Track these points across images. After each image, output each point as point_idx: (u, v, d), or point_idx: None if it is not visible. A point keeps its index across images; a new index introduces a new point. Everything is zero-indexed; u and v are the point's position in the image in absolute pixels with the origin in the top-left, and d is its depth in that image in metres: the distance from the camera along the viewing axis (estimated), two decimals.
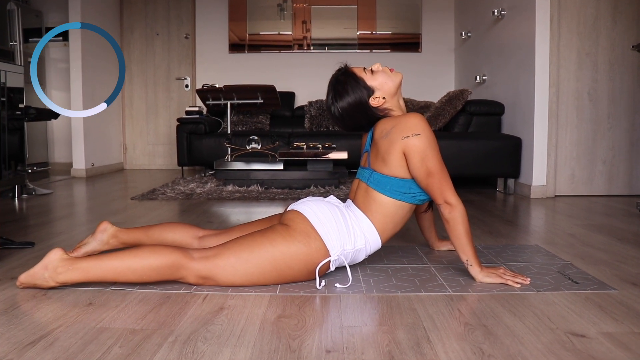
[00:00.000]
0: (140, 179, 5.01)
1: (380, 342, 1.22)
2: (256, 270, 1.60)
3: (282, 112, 5.83)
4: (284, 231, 1.63)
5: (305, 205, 1.71)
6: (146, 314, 1.40)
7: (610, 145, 3.69)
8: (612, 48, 3.64)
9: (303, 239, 1.62)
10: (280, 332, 1.28)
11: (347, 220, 1.70)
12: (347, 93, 1.75)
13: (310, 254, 1.62)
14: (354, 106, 1.76)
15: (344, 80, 1.76)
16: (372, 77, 1.76)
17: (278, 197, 3.72)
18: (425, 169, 1.66)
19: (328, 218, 1.66)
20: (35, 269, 1.56)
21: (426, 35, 6.06)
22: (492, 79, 4.65)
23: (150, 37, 5.91)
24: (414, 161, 1.67)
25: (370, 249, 1.75)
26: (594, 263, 1.95)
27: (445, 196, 1.67)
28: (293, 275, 1.64)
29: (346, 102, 1.76)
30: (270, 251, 1.60)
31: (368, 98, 1.76)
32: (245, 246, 1.60)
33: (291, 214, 1.70)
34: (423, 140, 1.66)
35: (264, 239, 1.61)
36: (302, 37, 6.05)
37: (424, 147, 1.66)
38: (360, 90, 1.75)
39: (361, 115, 1.78)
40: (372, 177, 1.75)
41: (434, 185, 1.67)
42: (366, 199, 1.76)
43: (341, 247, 1.66)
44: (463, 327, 1.32)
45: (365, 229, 1.72)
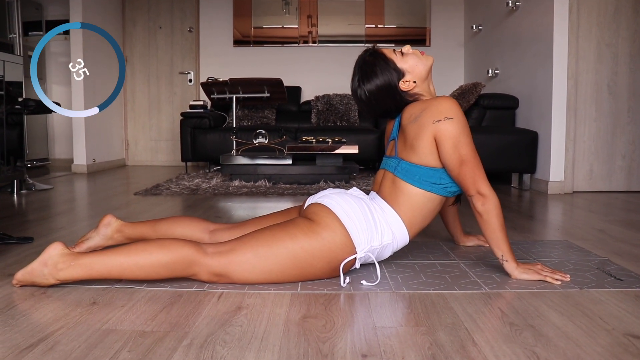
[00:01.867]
0: (142, 175, 4.88)
1: (420, 345, 1.09)
2: (275, 268, 1.47)
3: (288, 107, 5.70)
4: (306, 226, 1.50)
5: (329, 198, 1.57)
6: (156, 314, 1.27)
7: (630, 140, 3.56)
8: (633, 39, 3.51)
9: (328, 234, 1.48)
10: (308, 334, 1.15)
11: (373, 214, 1.56)
12: (375, 75, 1.62)
13: (334, 251, 1.49)
14: (383, 89, 1.63)
15: (372, 62, 1.63)
16: (402, 60, 1.63)
17: (287, 193, 3.59)
18: (457, 156, 1.53)
19: (355, 212, 1.52)
20: (34, 265, 1.43)
21: (435, 30, 5.93)
22: (505, 72, 4.51)
23: (152, 30, 5.78)
24: (445, 147, 1.54)
25: (397, 244, 1.62)
26: (633, 260, 1.82)
27: (478, 186, 1.53)
28: (314, 273, 1.51)
29: (374, 85, 1.63)
30: (291, 247, 1.46)
31: (398, 81, 1.63)
32: (264, 241, 1.47)
33: (315, 208, 1.56)
34: (456, 125, 1.52)
35: (284, 234, 1.48)
36: (308, 32, 5.92)
37: (457, 133, 1.52)
38: (389, 72, 1.62)
39: (390, 100, 1.65)
40: (400, 166, 1.62)
41: (466, 175, 1.54)
42: (393, 190, 1.62)
43: (368, 243, 1.53)
44: (509, 328, 1.19)
45: (392, 223, 1.59)
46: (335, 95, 5.59)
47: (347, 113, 5.52)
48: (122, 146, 5.88)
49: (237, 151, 4.18)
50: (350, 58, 6.17)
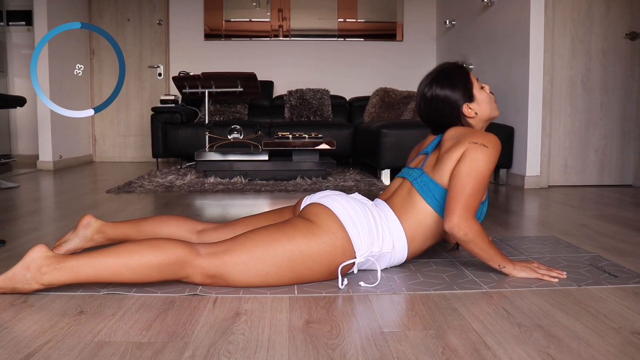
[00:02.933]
0: (111, 172, 4.72)
1: (433, 350, 1.06)
2: (271, 270, 1.41)
3: (260, 101, 5.61)
4: (305, 227, 1.44)
5: (332, 199, 1.52)
6: (151, 323, 1.20)
7: (602, 135, 3.64)
8: (605, 35, 3.58)
9: (328, 238, 1.43)
10: (315, 341, 1.10)
11: (376, 220, 1.52)
12: (450, 85, 1.63)
13: (334, 255, 1.44)
14: (448, 101, 1.63)
15: (455, 73, 1.65)
16: (478, 90, 1.65)
17: (264, 189, 3.52)
18: (464, 181, 1.48)
19: (359, 216, 1.48)
20: (15, 270, 1.33)
21: (408, 24, 5.93)
22: (480, 67, 4.55)
23: (120, 22, 5.58)
24: (462, 166, 1.51)
25: (394, 257, 1.57)
26: (621, 255, 1.84)
27: (462, 217, 1.45)
28: (311, 276, 1.46)
29: (443, 92, 1.63)
30: (289, 249, 1.41)
31: (463, 103, 1.63)
32: (260, 242, 1.41)
33: (316, 208, 1.50)
34: (486, 156, 1.51)
35: (281, 235, 1.42)
36: (279, 26, 5.84)
37: (481, 162, 1.50)
38: (462, 90, 1.63)
39: (448, 113, 1.65)
40: (421, 178, 1.59)
41: (458, 200, 1.47)
42: (406, 200, 1.58)
43: (368, 248, 1.48)
44: (518, 329, 1.17)
45: (394, 233, 1.54)
46: (309, 90, 5.54)
47: (320, 108, 5.48)
48: (90, 142, 5.67)
49: (212, 147, 4.08)
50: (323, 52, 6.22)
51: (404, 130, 3.91)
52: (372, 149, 4.09)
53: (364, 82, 5.93)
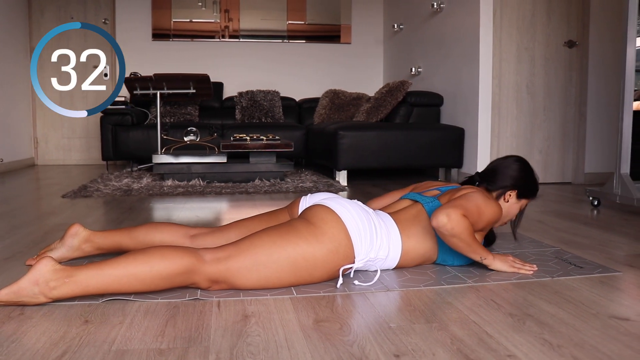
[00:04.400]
0: (57, 176, 4.53)
1: (443, 341, 1.14)
2: (274, 275, 1.45)
3: (210, 103, 5.56)
4: (309, 232, 1.47)
5: (337, 202, 1.55)
6: (163, 329, 1.21)
7: (545, 136, 3.90)
8: (547, 43, 3.84)
9: (332, 245, 1.47)
10: (330, 339, 1.16)
11: (377, 227, 1.57)
12: (525, 176, 1.83)
13: (336, 261, 1.49)
14: (510, 175, 1.81)
15: (533, 179, 1.86)
16: (520, 206, 1.85)
17: (225, 192, 3.52)
18: (458, 200, 1.60)
19: (363, 222, 1.53)
20: (21, 284, 1.29)
21: (356, 27, 6.06)
22: (428, 71, 4.74)
23: (63, 20, 5.36)
24: (462, 196, 1.63)
25: (384, 264, 1.64)
26: (578, 247, 2.01)
27: (454, 211, 1.53)
28: (311, 280, 1.50)
29: (517, 172, 1.82)
30: (292, 256, 1.44)
31: (513, 190, 1.80)
32: (263, 248, 1.43)
33: (321, 212, 1.52)
34: (486, 199, 1.66)
35: (285, 242, 1.45)
36: (224, 27, 5.80)
37: (479, 198, 1.63)
38: (524, 187, 1.82)
39: (497, 179, 1.81)
40: (434, 204, 1.69)
41: (453, 207, 1.55)
42: (413, 217, 1.67)
43: (367, 254, 1.54)
44: (511, 319, 1.27)
45: (392, 243, 1.61)
46: (259, 91, 5.55)
47: (271, 109, 5.50)
48: (31, 144, 5.41)
49: (169, 149, 4.02)
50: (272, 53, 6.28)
51: (361, 132, 4.02)
52: (329, 151, 4.17)
53: (313, 84, 6.01)
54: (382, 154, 4.01)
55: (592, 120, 3.88)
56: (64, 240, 1.67)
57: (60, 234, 2.21)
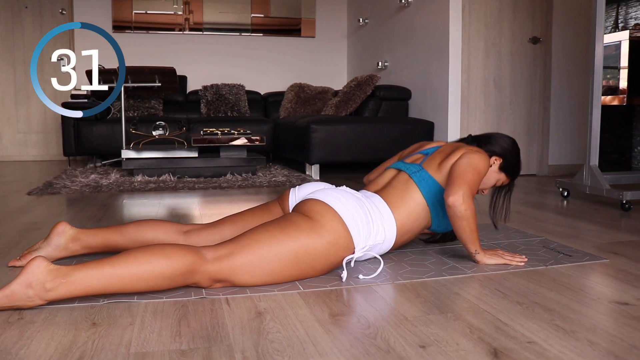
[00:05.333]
0: (15, 172, 4.32)
1: (462, 330, 1.16)
2: (276, 270, 1.43)
3: (174, 97, 5.43)
4: (308, 226, 1.46)
5: (329, 195, 1.55)
6: (177, 329, 1.17)
7: (511, 130, 4.02)
8: (513, 39, 3.95)
9: (330, 236, 1.47)
10: (352, 332, 1.16)
11: (370, 213, 1.59)
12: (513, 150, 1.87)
13: (336, 253, 1.49)
14: (500, 144, 1.86)
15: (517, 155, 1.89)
16: (499, 177, 1.87)
17: (198, 187, 3.45)
18: (464, 169, 1.64)
19: (357, 210, 1.53)
20: (13, 287, 1.22)
21: (320, 21, 6.06)
22: (395, 65, 4.79)
23: (17, 9, 5.09)
24: (462, 159, 1.67)
25: (382, 248, 1.65)
26: (561, 237, 2.09)
27: (465, 193, 1.58)
28: (313, 273, 1.50)
29: (508, 143, 1.87)
30: (294, 249, 1.43)
31: (499, 157, 1.84)
32: (264, 243, 1.42)
33: (315, 205, 1.53)
34: (481, 158, 1.70)
35: (285, 236, 1.43)
36: (187, 20, 5.67)
37: (478, 160, 1.68)
38: (510, 159, 1.86)
39: (490, 144, 1.86)
40: (420, 173, 1.70)
41: (460, 181, 1.60)
42: (402, 192, 1.67)
43: (366, 242, 1.56)
44: (520, 307, 1.31)
45: (386, 225, 1.62)
46: (224, 85, 5.47)
47: (237, 103, 5.43)
48: None
49: (139, 144, 3.90)
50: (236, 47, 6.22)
51: (333, 126, 4.02)
52: (300, 145, 4.15)
53: (278, 78, 5.97)
54: (354, 147, 4.03)
55: (555, 114, 4.03)
56: (50, 239, 1.60)
57: (36, 232, 2.11)
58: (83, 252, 1.64)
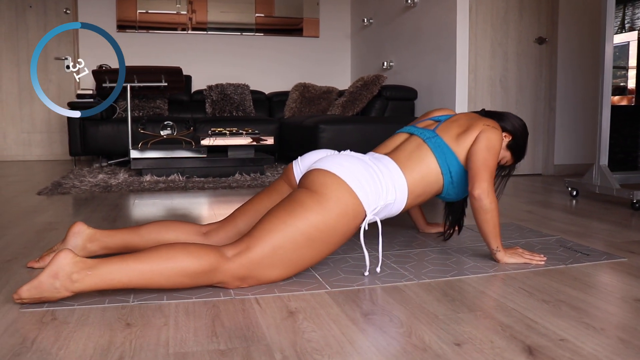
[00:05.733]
0: (21, 172, 4.31)
1: (493, 328, 1.18)
2: (295, 255, 1.42)
3: (179, 96, 5.43)
4: (314, 202, 1.43)
5: (332, 162, 1.52)
6: (212, 329, 1.19)
7: None
8: (519, 39, 3.97)
9: (339, 208, 1.44)
10: (387, 331, 1.17)
11: (377, 173, 1.56)
12: (523, 130, 1.90)
13: (348, 222, 1.47)
14: (511, 122, 1.88)
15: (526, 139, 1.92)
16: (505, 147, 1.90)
17: (207, 187, 3.46)
18: (484, 157, 1.65)
19: (362, 173, 1.51)
20: (41, 278, 1.25)
21: (323, 21, 6.07)
22: (401, 65, 4.81)
23: (21, 8, 5.08)
24: (480, 144, 1.67)
25: (393, 209, 1.62)
26: (576, 236, 2.11)
27: (489, 187, 1.64)
28: (330, 248, 1.49)
29: (518, 122, 1.90)
30: (306, 230, 1.41)
31: (509, 135, 1.87)
32: (275, 230, 1.40)
33: (319, 177, 1.49)
34: (498, 135, 1.71)
35: (292, 218, 1.41)
36: (191, 19, 5.67)
37: (495, 140, 1.69)
38: (518, 140, 1.89)
39: (502, 120, 1.87)
40: (435, 139, 1.70)
41: (483, 175, 1.64)
42: (414, 154, 1.67)
43: (376, 203, 1.53)
44: (547, 305, 1.33)
45: (397, 184, 1.60)
46: (229, 84, 5.47)
47: (242, 103, 5.44)
48: None
49: (147, 144, 3.91)
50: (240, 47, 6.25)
51: (341, 125, 4.04)
52: (308, 144, 4.17)
53: (282, 77, 5.98)
54: (361, 147, 4.03)
55: (560, 114, 4.06)
56: (67, 239, 1.61)
57: (52, 233, 2.12)
58: (101, 252, 1.65)
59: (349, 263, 1.70)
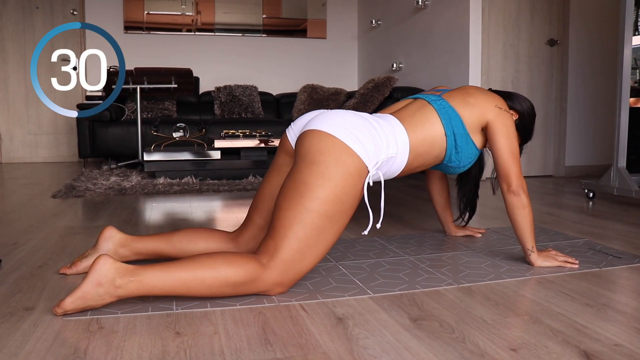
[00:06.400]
0: (29, 175, 4.30)
1: (545, 333, 1.18)
2: (320, 239, 1.39)
3: (187, 98, 5.42)
4: (315, 176, 1.38)
5: (323, 122, 1.46)
6: (265, 337, 1.18)
7: None
8: (530, 41, 3.99)
9: (341, 173, 1.39)
10: (440, 337, 1.17)
11: (375, 127, 1.51)
12: (531, 112, 1.89)
13: (353, 183, 1.43)
14: (519, 101, 1.87)
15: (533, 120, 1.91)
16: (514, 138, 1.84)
17: (222, 189, 3.46)
18: (510, 148, 1.67)
19: (359, 127, 1.46)
20: (85, 288, 1.23)
21: (331, 22, 6.07)
22: (410, 66, 4.81)
23: (28, 10, 5.06)
24: (499, 135, 1.68)
25: (393, 165, 1.58)
26: (601, 238, 2.11)
27: (523, 182, 1.67)
28: (348, 214, 1.44)
29: (527, 103, 1.88)
30: (319, 208, 1.36)
31: (516, 114, 1.85)
32: (294, 223, 1.36)
33: (313, 142, 1.43)
34: (510, 118, 1.72)
35: (303, 203, 1.37)
36: (199, 21, 5.66)
37: (511, 126, 1.70)
38: (526, 120, 1.87)
39: (510, 100, 1.85)
40: (441, 102, 1.68)
41: (514, 169, 1.66)
42: (418, 114, 1.65)
43: (377, 157, 1.49)
44: (591, 309, 1.33)
45: (398, 138, 1.57)
46: (237, 86, 5.47)
47: (251, 104, 5.43)
48: None
49: (160, 146, 3.90)
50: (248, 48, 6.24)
51: None
52: None
53: (289, 79, 5.97)
54: None
55: (571, 115, 4.07)
56: (99, 244, 1.60)
57: (76, 237, 2.12)
58: (133, 258, 1.63)
59: (385, 267, 1.70)
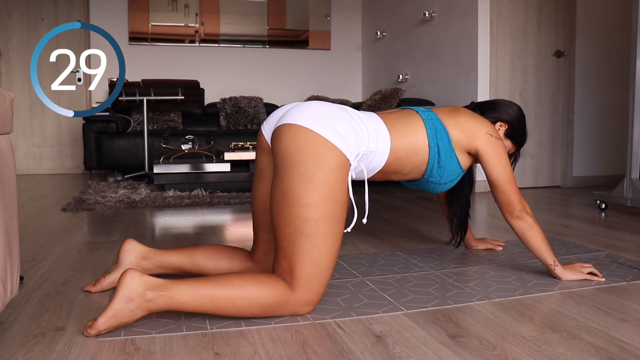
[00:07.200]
0: (34, 187, 4.27)
1: (586, 350, 1.17)
2: (328, 241, 1.35)
3: (192, 109, 5.42)
4: (299, 181, 1.32)
5: (296, 116, 1.39)
6: (306, 357, 1.17)
7: (537, 142, 4.08)
8: (537, 53, 4.02)
9: (324, 169, 1.34)
10: (483, 354, 1.16)
11: (355, 119, 1.47)
12: (519, 117, 1.89)
13: (339, 175, 1.37)
14: (505, 110, 1.87)
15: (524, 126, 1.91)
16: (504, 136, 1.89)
17: (233, 202, 3.44)
18: (504, 172, 1.67)
19: (335, 117, 1.40)
20: (116, 306, 1.21)
21: (335, 34, 6.10)
22: (417, 78, 4.83)
23: (33, 21, 5.06)
24: (492, 160, 1.68)
25: (373, 161, 1.54)
26: (621, 250, 2.12)
27: (524, 205, 1.69)
28: (344, 208, 1.39)
29: (513, 110, 1.89)
30: (317, 213, 1.33)
31: (504, 124, 1.87)
32: (297, 238, 1.33)
33: (289, 141, 1.35)
34: (501, 144, 1.72)
35: (298, 215, 1.32)
36: (202, 32, 5.68)
37: (503, 153, 1.71)
38: (516, 128, 1.88)
39: (495, 110, 1.87)
40: (429, 114, 1.68)
41: (512, 193, 1.67)
42: (403, 119, 1.62)
43: (357, 149, 1.45)
44: (628, 324, 1.32)
45: (380, 135, 1.53)
46: (243, 97, 5.47)
47: (256, 116, 5.44)
48: None
49: (169, 158, 3.88)
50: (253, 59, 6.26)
51: None
52: None
53: (294, 90, 5.99)
54: None
55: (578, 126, 4.09)
56: (121, 258, 1.58)
57: (96, 252, 2.11)
58: (156, 271, 1.61)
59: (413, 282, 1.69)
